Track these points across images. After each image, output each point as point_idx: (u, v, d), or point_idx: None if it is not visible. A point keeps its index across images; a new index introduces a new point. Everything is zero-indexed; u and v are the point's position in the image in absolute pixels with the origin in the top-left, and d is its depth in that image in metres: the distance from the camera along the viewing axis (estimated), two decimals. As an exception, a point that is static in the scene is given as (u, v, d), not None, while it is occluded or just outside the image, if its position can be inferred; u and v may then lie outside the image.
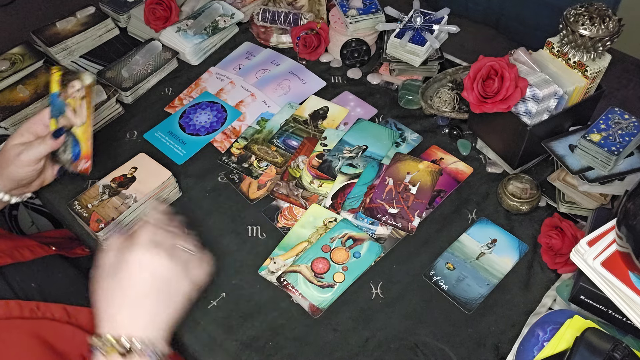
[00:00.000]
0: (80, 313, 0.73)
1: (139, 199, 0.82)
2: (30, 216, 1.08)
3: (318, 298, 0.74)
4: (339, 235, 0.80)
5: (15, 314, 0.67)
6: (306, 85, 1.05)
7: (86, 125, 0.77)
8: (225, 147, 0.95)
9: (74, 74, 0.78)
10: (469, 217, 0.83)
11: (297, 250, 0.79)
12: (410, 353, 0.70)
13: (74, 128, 0.78)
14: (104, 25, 1.15)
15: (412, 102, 0.99)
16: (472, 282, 0.75)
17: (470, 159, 0.91)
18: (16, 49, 1.09)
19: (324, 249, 0.79)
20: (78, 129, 0.78)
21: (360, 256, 0.78)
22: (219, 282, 0.77)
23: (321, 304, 0.74)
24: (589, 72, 0.78)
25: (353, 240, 0.80)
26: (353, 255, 0.78)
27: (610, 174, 0.75)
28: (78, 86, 0.77)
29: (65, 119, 0.78)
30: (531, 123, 0.79)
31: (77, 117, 0.78)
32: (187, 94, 1.05)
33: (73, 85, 0.77)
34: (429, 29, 0.97)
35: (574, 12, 0.77)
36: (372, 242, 0.80)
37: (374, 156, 0.91)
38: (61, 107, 0.78)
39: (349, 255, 0.78)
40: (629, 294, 0.59)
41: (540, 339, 0.63)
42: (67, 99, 0.78)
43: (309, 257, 0.78)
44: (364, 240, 0.80)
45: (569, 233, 0.73)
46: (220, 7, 1.15)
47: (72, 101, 0.77)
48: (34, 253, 0.78)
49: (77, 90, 0.77)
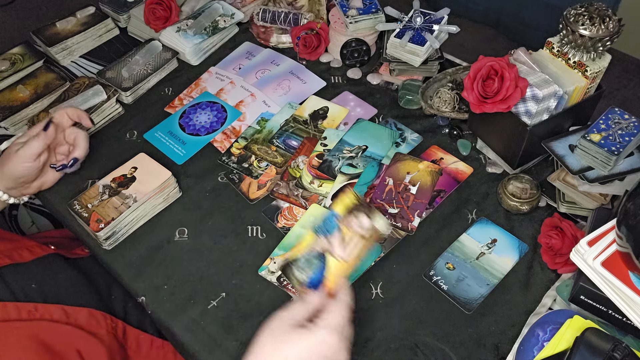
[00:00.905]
0: (79, 313, 0.73)
1: (139, 199, 0.82)
2: (30, 216, 1.08)
3: (318, 298, 0.74)
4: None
5: (12, 317, 0.67)
6: (306, 85, 1.05)
7: (346, 266, 0.65)
8: (225, 147, 0.95)
9: (368, 209, 0.66)
10: (469, 217, 0.83)
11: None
12: (410, 353, 0.70)
13: (330, 256, 0.65)
14: (104, 25, 1.15)
15: (412, 102, 0.99)
16: (472, 282, 0.75)
17: (470, 159, 0.91)
18: (16, 49, 1.09)
19: (324, 249, 0.79)
20: (336, 260, 0.65)
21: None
22: (219, 282, 0.77)
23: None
24: (589, 72, 0.78)
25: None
26: (353, 255, 0.78)
27: (610, 174, 0.75)
28: (367, 226, 0.65)
29: (326, 242, 0.66)
30: (531, 123, 0.79)
31: (341, 248, 0.65)
32: (187, 94, 1.05)
33: (362, 222, 0.65)
34: (429, 29, 0.97)
35: (574, 12, 0.77)
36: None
37: (374, 156, 0.91)
38: (331, 227, 0.68)
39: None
40: (629, 294, 0.59)
41: (540, 339, 0.63)
42: (343, 226, 0.66)
43: (309, 257, 0.78)
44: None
45: (569, 233, 0.73)
46: (220, 7, 1.15)
47: (347, 231, 0.66)
48: (33, 253, 0.78)
49: (361, 229, 0.65)
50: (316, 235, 0.68)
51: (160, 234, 0.83)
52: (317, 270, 0.66)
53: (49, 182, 0.87)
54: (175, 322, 0.74)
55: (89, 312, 0.75)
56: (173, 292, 0.77)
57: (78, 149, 0.84)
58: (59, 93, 1.00)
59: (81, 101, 0.96)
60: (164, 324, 0.74)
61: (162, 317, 0.74)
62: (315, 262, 0.67)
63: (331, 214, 0.69)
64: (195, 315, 0.74)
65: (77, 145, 0.85)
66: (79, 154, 0.84)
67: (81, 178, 0.91)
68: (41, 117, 0.95)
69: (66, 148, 0.87)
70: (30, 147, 0.79)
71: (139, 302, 0.77)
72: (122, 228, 0.82)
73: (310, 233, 0.69)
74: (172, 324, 0.74)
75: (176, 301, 0.76)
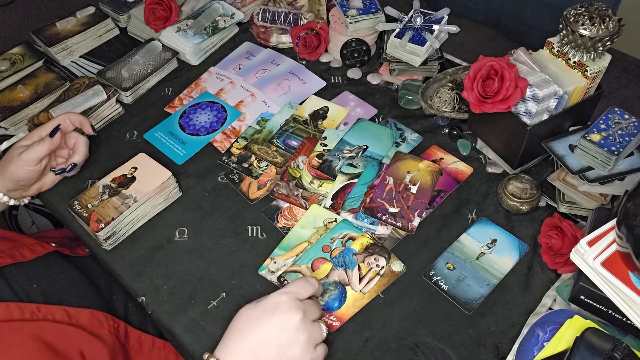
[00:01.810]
0: (80, 314, 0.73)
1: (139, 199, 0.82)
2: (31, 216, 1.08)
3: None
4: (339, 236, 0.80)
5: (15, 317, 0.68)
6: (306, 85, 1.05)
7: (362, 298, 0.73)
8: (225, 147, 0.95)
9: (383, 249, 0.77)
10: (469, 217, 0.83)
11: (298, 250, 0.79)
12: (410, 353, 0.70)
13: (350, 289, 0.74)
14: (104, 25, 1.15)
15: (412, 102, 0.99)
16: (472, 282, 0.75)
17: (470, 159, 0.91)
18: (16, 49, 1.09)
19: (325, 249, 0.79)
20: (354, 292, 0.74)
21: (360, 256, 0.78)
22: (219, 282, 0.77)
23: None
24: (589, 72, 0.78)
25: (353, 241, 0.80)
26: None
27: (610, 174, 0.75)
28: (382, 264, 0.76)
29: (342, 274, 0.76)
30: (531, 123, 0.79)
31: (359, 282, 0.75)
32: (187, 94, 1.05)
33: (379, 260, 0.76)
34: (429, 29, 0.97)
35: (574, 12, 0.77)
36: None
37: (374, 156, 0.91)
38: (349, 262, 0.76)
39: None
40: (629, 294, 0.59)
41: (540, 339, 0.63)
42: (361, 262, 0.76)
43: (309, 257, 0.78)
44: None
45: (569, 233, 0.73)
46: (220, 7, 1.15)
47: (364, 268, 0.76)
48: (34, 252, 0.78)
49: (378, 267, 0.76)
50: (333, 267, 0.76)
51: (160, 234, 0.83)
52: (335, 297, 0.74)
53: (48, 184, 0.87)
54: (175, 322, 0.74)
55: (90, 312, 0.75)
56: (173, 292, 0.77)
57: (77, 154, 0.84)
58: (59, 93, 1.00)
59: (81, 101, 0.96)
60: (164, 324, 0.74)
61: (162, 317, 0.74)
62: (332, 290, 0.74)
63: (351, 250, 0.78)
64: (196, 315, 0.74)
65: (76, 150, 0.85)
66: (78, 159, 0.85)
67: (81, 178, 0.91)
68: (41, 117, 0.95)
69: (66, 152, 0.87)
70: (35, 151, 0.79)
71: (139, 302, 0.77)
72: (122, 228, 0.82)
73: (327, 262, 0.77)
74: (172, 324, 0.74)
75: (176, 301, 0.76)
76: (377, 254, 0.77)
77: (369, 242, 0.79)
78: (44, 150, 0.80)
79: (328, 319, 0.72)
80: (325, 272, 0.76)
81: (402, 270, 0.76)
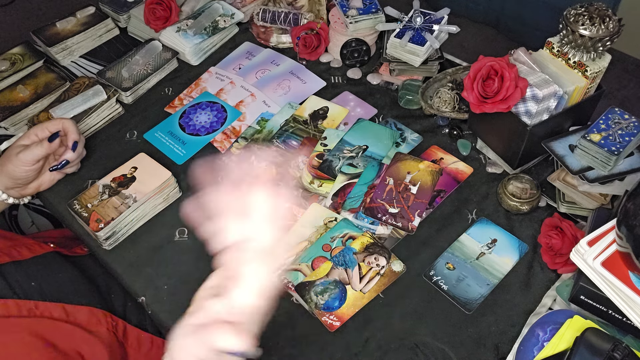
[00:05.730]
0: (78, 312, 0.73)
1: (139, 199, 0.82)
2: (30, 216, 1.08)
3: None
4: (339, 235, 0.80)
5: (13, 313, 0.68)
6: (306, 85, 1.05)
7: (362, 298, 0.73)
8: (225, 147, 0.95)
9: (383, 249, 0.78)
10: (469, 217, 0.83)
11: (298, 249, 0.79)
12: (410, 353, 0.70)
13: (351, 288, 0.74)
14: (104, 25, 1.15)
15: (412, 102, 0.99)
16: (472, 282, 0.75)
17: (470, 159, 0.91)
18: (16, 49, 1.09)
19: (325, 248, 0.79)
20: (354, 292, 0.74)
21: (360, 256, 0.78)
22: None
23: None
24: (589, 72, 0.78)
25: (353, 240, 0.80)
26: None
27: (610, 174, 0.75)
28: (382, 264, 0.76)
29: (342, 273, 0.76)
30: (531, 123, 0.79)
31: (359, 281, 0.75)
32: (187, 94, 1.05)
33: (379, 260, 0.77)
34: (429, 29, 0.97)
35: (574, 12, 0.77)
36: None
37: (374, 156, 0.91)
38: (349, 261, 0.76)
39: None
40: (629, 294, 0.59)
41: (540, 339, 0.63)
42: (362, 261, 0.77)
43: (309, 256, 0.78)
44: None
45: (569, 233, 0.73)
46: (220, 7, 1.15)
47: (365, 267, 0.76)
48: (32, 251, 0.78)
49: (379, 267, 0.76)
50: (334, 266, 0.76)
51: (160, 234, 0.83)
52: (335, 296, 0.74)
53: (47, 183, 0.87)
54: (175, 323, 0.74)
55: (89, 310, 0.75)
56: (173, 292, 0.77)
57: (69, 140, 0.85)
58: (59, 93, 1.00)
59: (81, 101, 0.96)
60: (164, 324, 0.74)
61: (162, 318, 0.74)
62: (332, 289, 0.74)
63: (352, 249, 0.78)
64: (195, 315, 0.74)
65: (67, 133, 0.85)
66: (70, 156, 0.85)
67: (81, 178, 0.91)
68: (41, 117, 0.95)
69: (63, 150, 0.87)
70: (32, 153, 0.80)
71: (139, 303, 0.77)
72: (122, 228, 0.82)
73: (327, 261, 0.77)
74: (172, 324, 0.74)
75: (176, 301, 0.76)
76: (377, 253, 0.77)
77: (369, 241, 0.79)
78: (41, 154, 0.81)
79: (328, 319, 0.72)
80: (325, 271, 0.76)
81: (402, 270, 0.76)
